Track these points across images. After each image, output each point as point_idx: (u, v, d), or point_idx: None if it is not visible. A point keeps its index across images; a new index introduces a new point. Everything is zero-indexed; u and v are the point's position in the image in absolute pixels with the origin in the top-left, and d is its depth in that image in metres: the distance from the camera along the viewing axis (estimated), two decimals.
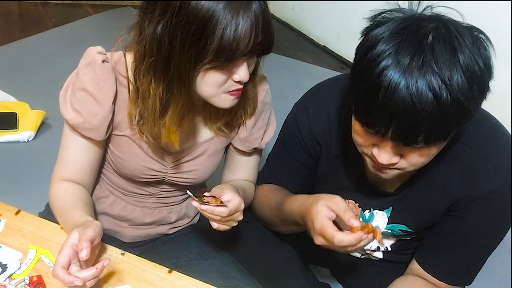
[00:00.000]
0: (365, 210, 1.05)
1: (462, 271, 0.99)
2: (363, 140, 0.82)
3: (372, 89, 0.71)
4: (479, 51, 0.71)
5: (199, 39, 0.76)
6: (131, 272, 0.87)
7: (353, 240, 0.83)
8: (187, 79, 0.81)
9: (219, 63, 0.79)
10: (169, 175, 1.03)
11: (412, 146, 0.75)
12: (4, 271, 0.82)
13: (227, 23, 0.74)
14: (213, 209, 0.85)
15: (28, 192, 1.67)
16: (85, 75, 0.89)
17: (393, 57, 0.69)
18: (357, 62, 0.76)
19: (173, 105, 0.86)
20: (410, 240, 1.07)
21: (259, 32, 0.78)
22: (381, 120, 0.73)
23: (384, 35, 0.72)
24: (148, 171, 1.00)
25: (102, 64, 0.88)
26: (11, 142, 1.95)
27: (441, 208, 0.95)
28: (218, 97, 0.86)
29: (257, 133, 1.05)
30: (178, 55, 0.79)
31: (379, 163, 0.81)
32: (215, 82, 0.83)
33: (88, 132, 0.92)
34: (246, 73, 0.83)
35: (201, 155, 1.03)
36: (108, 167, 1.05)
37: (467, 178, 0.89)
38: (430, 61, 0.68)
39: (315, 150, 1.05)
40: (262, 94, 1.02)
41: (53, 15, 3.37)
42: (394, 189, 0.98)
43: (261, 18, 0.77)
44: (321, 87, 1.06)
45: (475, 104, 0.72)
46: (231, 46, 0.76)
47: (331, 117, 1.00)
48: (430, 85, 0.68)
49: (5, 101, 2.16)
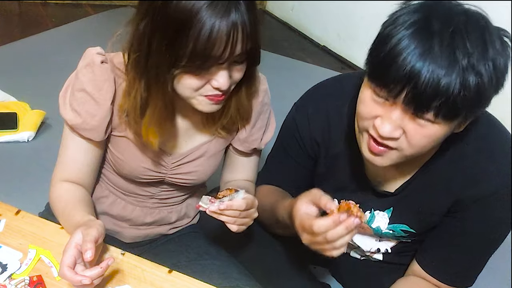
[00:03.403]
0: (366, 211, 1.04)
1: (463, 272, 0.99)
2: (369, 110, 0.79)
3: (396, 47, 0.70)
4: (503, 50, 0.72)
5: (175, 42, 0.75)
6: (131, 272, 0.87)
7: (331, 222, 0.78)
8: (163, 81, 0.81)
9: (193, 68, 0.78)
10: (169, 175, 1.03)
11: (420, 115, 0.73)
12: (4, 271, 0.82)
13: (202, 28, 0.73)
14: (231, 204, 0.83)
15: (28, 192, 1.67)
16: (84, 76, 0.89)
17: (423, 21, 0.70)
18: (386, 24, 0.75)
19: (151, 106, 0.86)
20: (411, 242, 1.07)
21: (237, 41, 0.76)
22: (398, 78, 0.71)
23: (415, 6, 0.73)
24: (148, 171, 1.00)
25: (101, 65, 0.89)
26: (11, 142, 1.95)
27: (442, 208, 0.95)
28: (196, 99, 0.85)
29: (256, 133, 1.05)
30: (156, 56, 0.79)
31: (378, 137, 0.79)
32: (191, 85, 0.82)
33: (87, 132, 0.92)
34: (225, 80, 0.81)
35: (201, 156, 1.03)
36: (108, 167, 1.05)
37: (469, 179, 0.89)
38: (461, 34, 0.68)
39: (314, 150, 1.04)
40: (261, 95, 1.02)
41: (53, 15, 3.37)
42: (395, 189, 0.98)
43: (242, 27, 0.75)
44: (320, 87, 1.06)
45: (490, 96, 0.73)
46: (204, 52, 0.75)
47: (331, 117, 1.00)
48: (458, 56, 0.68)
49: (5, 101, 2.16)
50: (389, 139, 0.78)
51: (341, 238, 0.79)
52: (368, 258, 1.17)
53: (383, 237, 1.09)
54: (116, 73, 0.90)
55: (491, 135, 0.90)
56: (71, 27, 3.24)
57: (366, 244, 1.12)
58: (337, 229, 0.78)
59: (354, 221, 0.78)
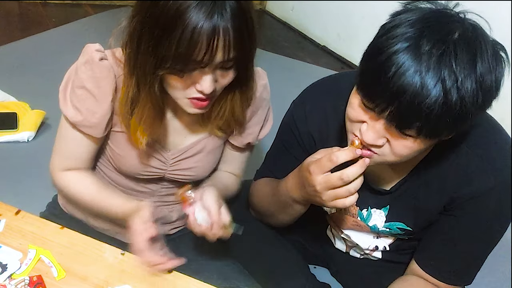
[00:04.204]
0: (363, 209, 1.05)
1: (461, 271, 0.99)
2: (356, 115, 0.81)
3: (386, 63, 0.71)
4: (496, 66, 0.71)
5: (160, 42, 0.75)
6: (131, 272, 0.87)
7: (349, 153, 0.80)
8: (150, 80, 0.81)
9: (176, 71, 0.78)
10: (169, 172, 1.03)
11: (402, 132, 0.75)
12: (4, 271, 0.82)
13: (184, 30, 0.72)
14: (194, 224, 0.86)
15: (28, 192, 1.66)
16: (83, 73, 0.89)
17: (414, 40, 0.69)
18: (377, 38, 0.76)
19: (140, 104, 0.87)
20: (408, 239, 1.07)
21: (217, 47, 0.74)
22: (384, 96, 0.72)
23: (412, 19, 0.72)
24: (147, 167, 1.00)
25: (100, 62, 0.89)
26: (11, 142, 1.95)
27: (438, 206, 0.95)
28: (181, 101, 0.86)
29: (252, 128, 1.05)
30: (143, 55, 0.79)
31: (363, 143, 0.80)
32: (176, 87, 0.82)
33: (87, 129, 0.93)
34: (208, 85, 0.80)
35: (200, 152, 1.03)
36: (108, 165, 1.05)
37: (464, 177, 0.89)
38: (449, 56, 0.68)
39: (311, 146, 1.05)
40: (259, 89, 1.01)
41: (53, 15, 3.36)
42: (391, 187, 0.99)
43: (224, 33, 0.73)
44: (318, 84, 1.07)
45: (475, 113, 0.72)
46: (186, 55, 0.74)
47: (328, 114, 1.01)
48: (443, 78, 0.68)
49: (5, 101, 2.16)
50: (372, 145, 0.80)
51: (356, 179, 0.81)
52: (367, 257, 1.17)
53: (380, 234, 1.09)
54: (119, 65, 0.90)
55: (486, 133, 0.90)
56: (71, 27, 3.23)
57: (364, 241, 1.12)
58: (352, 168, 0.80)
59: (365, 161, 0.81)
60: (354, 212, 1.07)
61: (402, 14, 0.74)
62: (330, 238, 1.23)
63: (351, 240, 1.14)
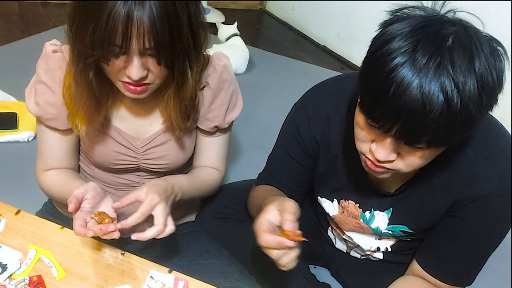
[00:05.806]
0: (366, 211, 1.05)
1: (462, 272, 0.99)
2: (364, 134, 0.81)
3: (384, 83, 0.70)
4: (495, 62, 0.70)
5: (85, 27, 0.76)
6: (131, 272, 0.87)
7: (274, 242, 0.80)
8: (80, 67, 0.83)
9: (102, 58, 0.79)
10: (142, 161, 1.04)
11: (412, 146, 0.75)
12: (4, 271, 0.82)
13: (101, 15, 0.74)
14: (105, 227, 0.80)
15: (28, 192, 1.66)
16: (40, 68, 0.93)
17: (409, 54, 0.68)
18: (371, 55, 0.74)
19: (77, 92, 0.88)
20: (410, 240, 1.07)
21: (132, 32, 0.75)
22: (387, 116, 0.72)
23: (404, 31, 0.70)
24: (119, 156, 1.01)
25: (53, 54, 0.92)
26: (11, 142, 1.95)
27: (441, 208, 0.95)
28: (117, 84, 0.87)
29: (216, 110, 1.03)
30: (74, 39, 0.81)
31: (375, 160, 0.80)
32: (107, 70, 0.84)
33: (51, 122, 0.96)
34: (135, 71, 0.80)
35: (169, 140, 1.03)
36: (86, 160, 1.07)
37: (468, 179, 0.89)
38: (446, 64, 0.67)
39: (314, 150, 1.04)
40: (218, 70, 1.00)
41: (53, 15, 3.36)
42: (395, 189, 0.98)
43: (139, 21, 0.74)
44: (320, 87, 1.06)
45: (482, 114, 0.72)
46: (103, 39, 0.75)
47: (331, 117, 1.00)
48: (443, 87, 0.67)
49: (5, 101, 2.16)
50: (385, 162, 0.80)
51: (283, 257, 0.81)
52: (368, 257, 1.17)
53: (382, 236, 1.09)
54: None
55: (489, 135, 0.90)
56: None
57: (365, 242, 1.12)
58: (279, 253, 0.81)
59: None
60: (357, 214, 1.06)
61: (394, 24, 0.73)
62: (330, 238, 1.23)
63: (353, 241, 1.14)
